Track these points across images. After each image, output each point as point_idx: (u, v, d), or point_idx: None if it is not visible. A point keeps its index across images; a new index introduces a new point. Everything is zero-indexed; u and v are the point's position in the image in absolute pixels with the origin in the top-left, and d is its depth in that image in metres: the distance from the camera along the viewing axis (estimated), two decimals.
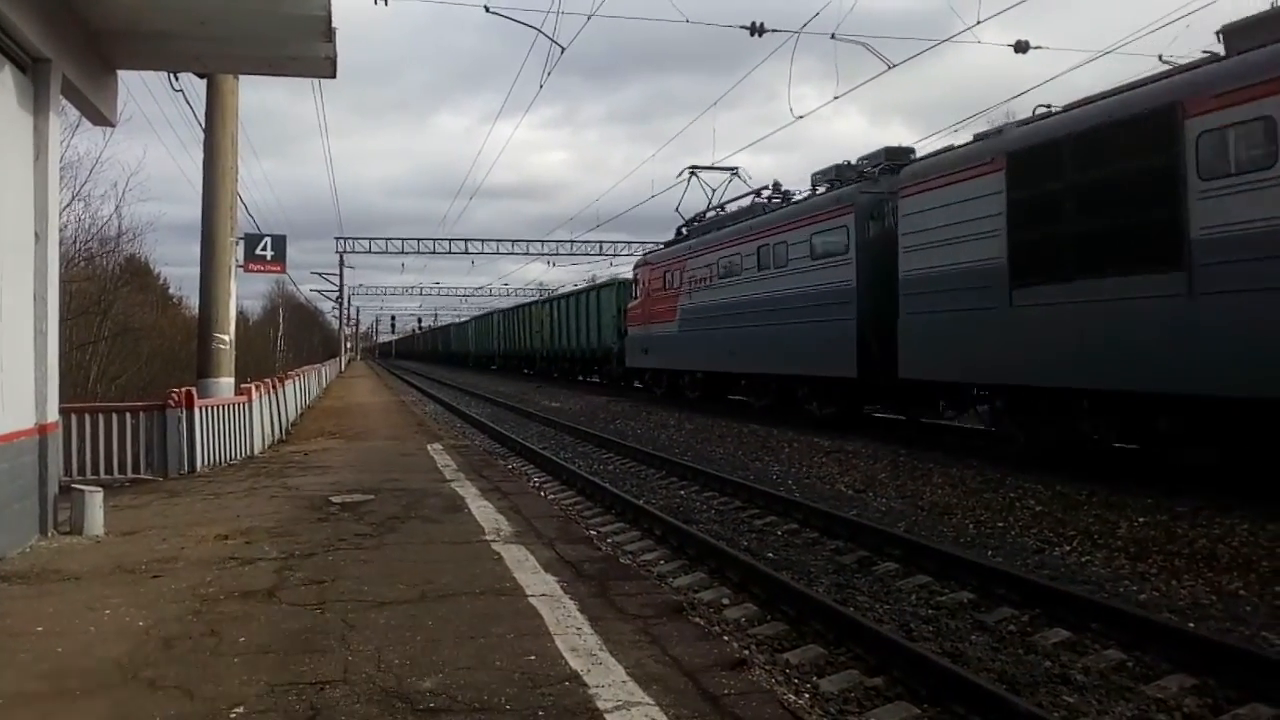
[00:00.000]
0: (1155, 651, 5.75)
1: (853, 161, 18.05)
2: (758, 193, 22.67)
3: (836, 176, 17.89)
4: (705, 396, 24.82)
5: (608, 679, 4.41)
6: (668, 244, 27.52)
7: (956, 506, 10.58)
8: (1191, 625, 6.22)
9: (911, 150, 16.86)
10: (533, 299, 55.64)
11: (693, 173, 26.34)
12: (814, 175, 18.65)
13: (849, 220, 16.42)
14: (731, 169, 26.11)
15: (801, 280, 17.99)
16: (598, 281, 40.47)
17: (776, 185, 22.32)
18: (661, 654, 4.81)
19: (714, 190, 26.02)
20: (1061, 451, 12.21)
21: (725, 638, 6.07)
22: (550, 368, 46.83)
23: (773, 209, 20.96)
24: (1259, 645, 5.84)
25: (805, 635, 6.33)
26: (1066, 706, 5.07)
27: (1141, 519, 9.16)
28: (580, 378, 42.16)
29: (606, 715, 3.98)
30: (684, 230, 26.34)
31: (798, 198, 20.01)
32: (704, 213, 25.74)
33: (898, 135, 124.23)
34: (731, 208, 24.16)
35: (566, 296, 42.44)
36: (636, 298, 28.49)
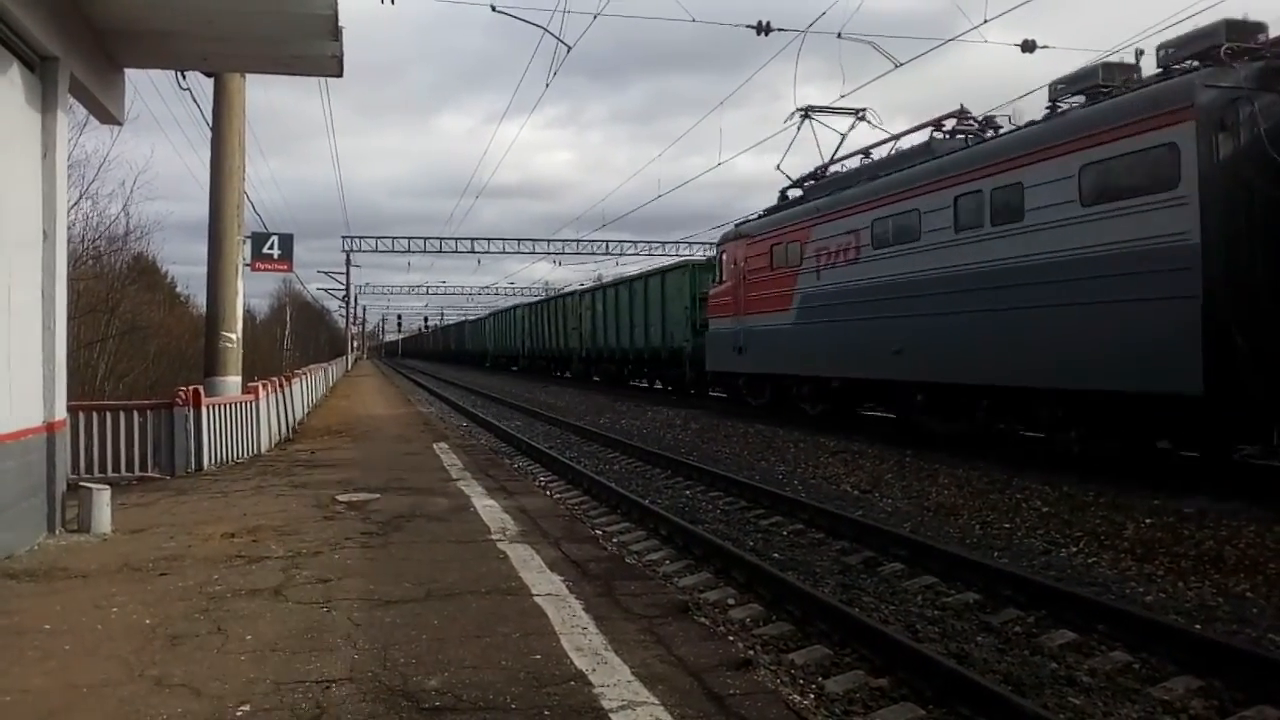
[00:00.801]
0: (1162, 653, 5.74)
1: (1126, 61, 12.13)
2: (938, 125, 16.01)
3: (1105, 83, 11.89)
4: (836, 411, 18.44)
5: (613, 678, 4.42)
6: (771, 210, 20.66)
7: (963, 507, 10.56)
8: (1198, 627, 6.20)
9: (1262, 25, 10.65)
10: (568, 290, 47.58)
11: (806, 115, 20.05)
12: (1054, 85, 12.73)
13: (1183, 134, 10.14)
14: (857, 110, 19.95)
15: (1061, 239, 11.68)
16: (658, 268, 31.84)
17: (964, 112, 15.89)
18: (667, 654, 4.81)
19: (835, 143, 20.13)
20: None
21: (730, 638, 6.07)
22: (590, 370, 40.10)
23: (967, 145, 14.61)
24: (1266, 647, 5.83)
25: (811, 636, 6.32)
26: (1072, 708, 5.06)
27: (1148, 520, 9.14)
28: (634, 382, 35.49)
29: (611, 715, 3.98)
30: (794, 193, 20.25)
31: (1006, 130, 14.08)
32: (827, 165, 19.42)
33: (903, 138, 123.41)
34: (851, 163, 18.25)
35: (618, 284, 35.13)
36: (722, 281, 22.26)
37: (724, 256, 22.49)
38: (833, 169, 19.29)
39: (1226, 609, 6.71)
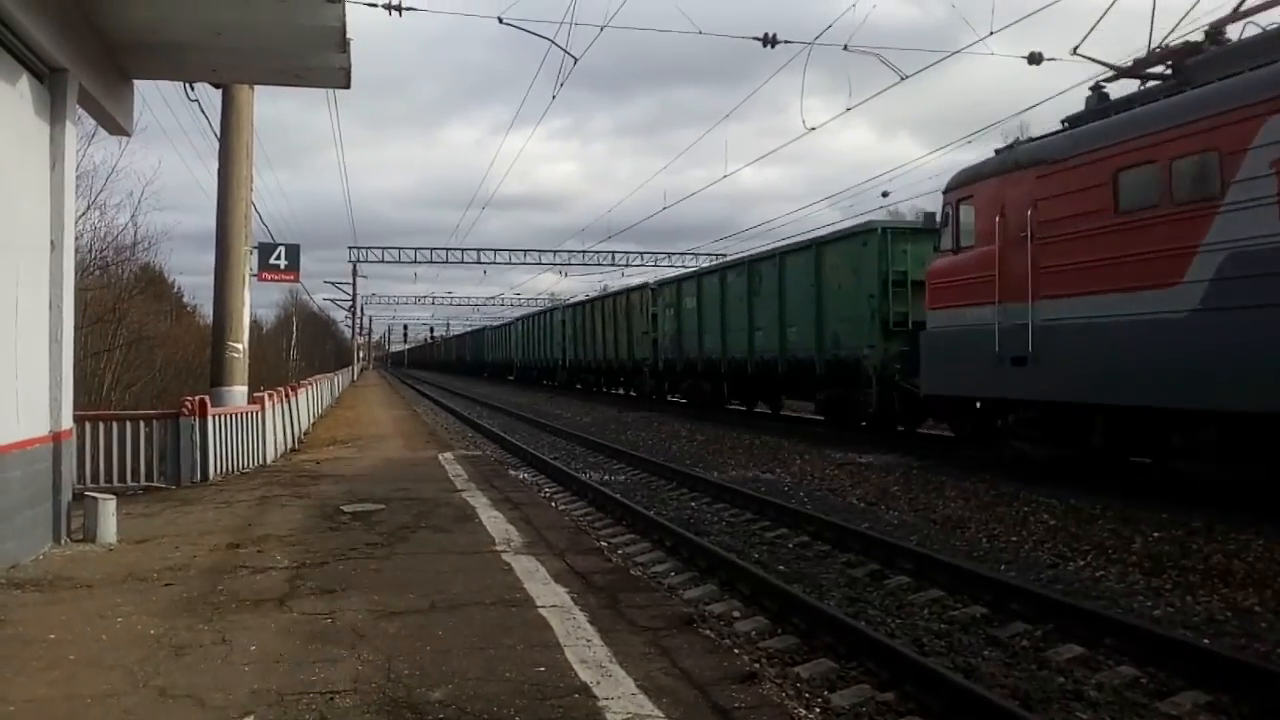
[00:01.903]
0: (1170, 668, 5.70)
1: None
2: None
3: None
4: None
5: (617, 691, 4.40)
6: (1103, 110, 11.89)
7: (969, 520, 10.52)
8: (1206, 641, 6.16)
9: None
10: (631, 286, 36.91)
11: None
12: None
13: None
14: None
15: None
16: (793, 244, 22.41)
17: None
18: (671, 666, 4.79)
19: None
20: None
21: (736, 650, 6.05)
22: (663, 387, 31.43)
23: None
24: (1274, 662, 5.79)
25: (816, 649, 6.29)
26: None
27: (1156, 534, 9.09)
28: (742, 407, 26.38)
29: None
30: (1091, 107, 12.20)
31: None
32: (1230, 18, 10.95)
33: (905, 149, 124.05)
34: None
35: (724, 269, 25.63)
36: (962, 248, 13.66)
37: (971, 205, 13.49)
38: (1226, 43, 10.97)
39: (1235, 623, 6.67)
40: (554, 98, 18.72)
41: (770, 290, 21.90)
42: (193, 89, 13.88)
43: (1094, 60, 12.87)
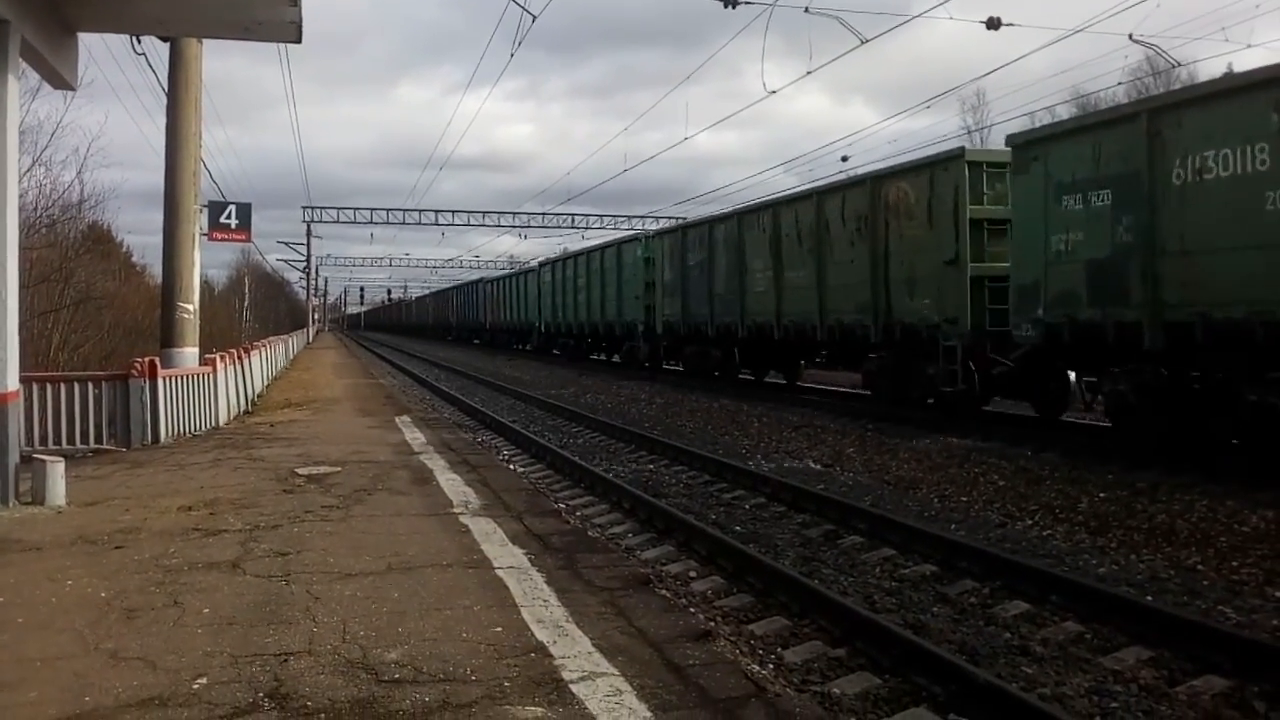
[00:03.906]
0: (1113, 624, 5.84)
1: None
2: None
3: None
4: None
5: (574, 650, 4.43)
6: None
7: (922, 481, 10.68)
8: (1149, 598, 6.33)
9: None
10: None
11: None
12: None
13: None
14: None
15: None
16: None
17: None
18: (628, 625, 4.84)
19: None
20: None
21: (691, 610, 6.11)
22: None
23: None
24: (1215, 619, 5.96)
25: (771, 607, 6.37)
26: (1025, 677, 5.15)
27: (1102, 494, 9.30)
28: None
29: (572, 686, 3.99)
30: None
31: None
32: None
33: (860, 115, 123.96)
34: None
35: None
36: None
37: None
38: None
39: (1177, 581, 6.85)
40: (512, 56, 18.53)
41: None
42: (139, 42, 13.53)
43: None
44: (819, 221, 17.62)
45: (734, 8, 16.22)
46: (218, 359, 14.62)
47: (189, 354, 14.11)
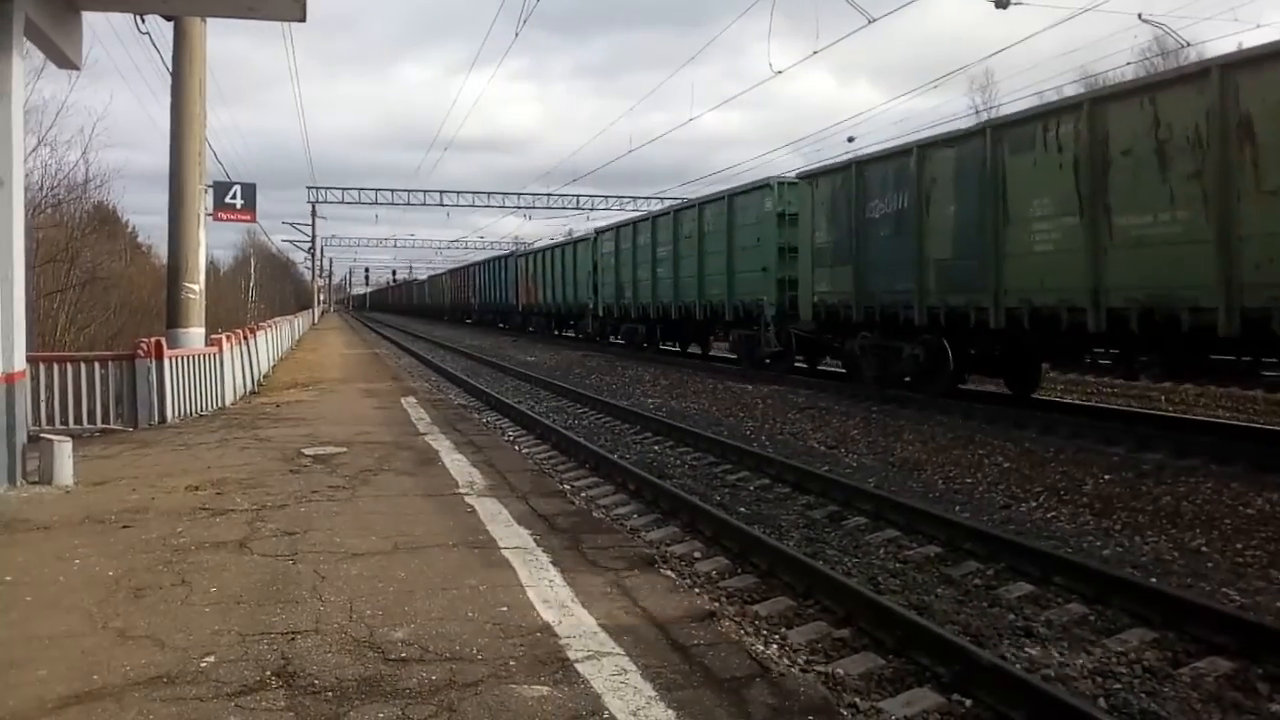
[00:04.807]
0: (1117, 605, 5.85)
1: None
2: None
3: None
4: None
5: (579, 630, 4.45)
6: None
7: (926, 463, 10.69)
8: (1153, 580, 6.33)
9: None
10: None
11: None
12: None
13: None
14: None
15: None
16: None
17: None
18: (632, 605, 4.85)
19: None
20: None
21: (696, 590, 6.13)
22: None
23: None
24: (1219, 600, 5.97)
25: (775, 588, 6.39)
26: (1029, 659, 5.16)
27: (1107, 476, 9.30)
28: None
29: (577, 665, 4.01)
30: None
31: None
32: None
33: (864, 96, 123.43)
34: None
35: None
36: None
37: None
38: None
39: (1182, 563, 6.86)
40: (517, 35, 18.47)
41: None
42: (143, 21, 13.48)
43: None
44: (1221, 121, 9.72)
45: None
46: (224, 339, 14.64)
47: (195, 334, 14.13)
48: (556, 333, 40.90)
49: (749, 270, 20.98)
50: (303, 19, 9.17)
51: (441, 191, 61.21)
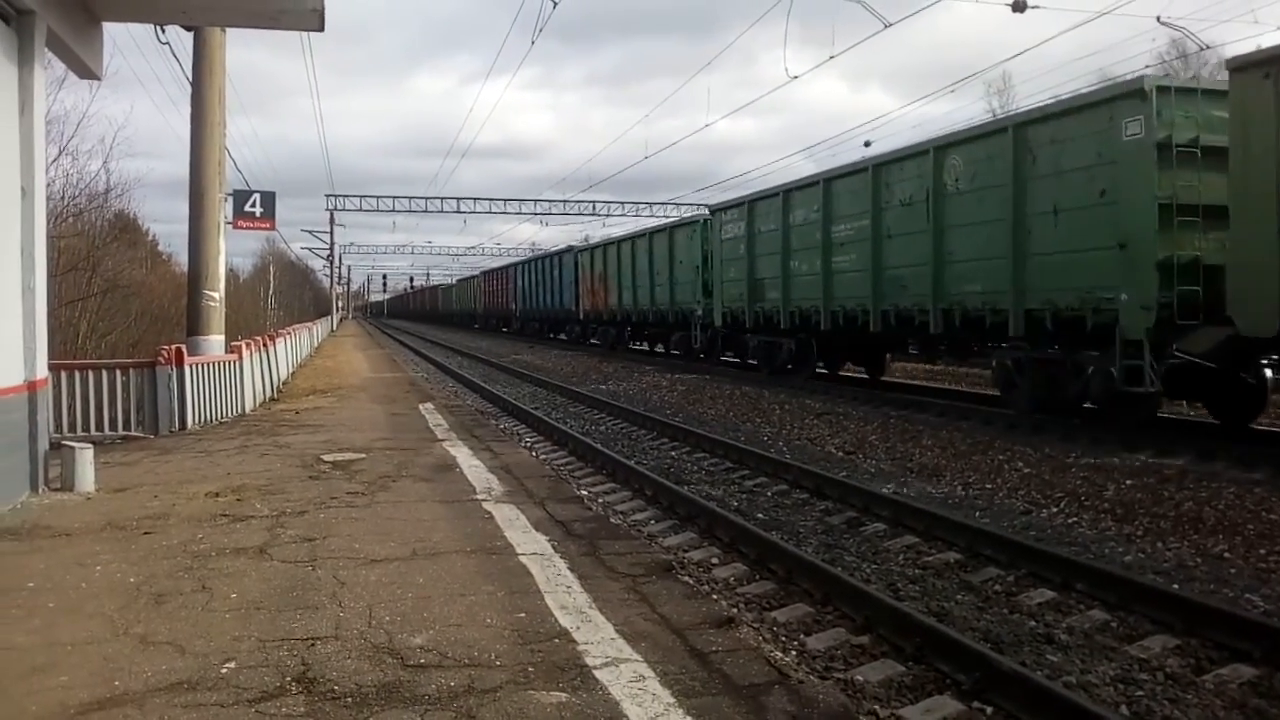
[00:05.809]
0: (1139, 612, 5.81)
1: None
2: None
3: None
4: None
5: (597, 636, 4.45)
6: None
7: (945, 468, 10.63)
8: (1176, 587, 6.28)
9: None
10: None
11: None
12: None
13: None
14: None
15: None
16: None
17: None
18: (650, 612, 4.85)
19: None
20: None
21: (714, 596, 6.12)
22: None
23: None
24: (1242, 607, 5.91)
25: (793, 594, 6.37)
26: (1050, 665, 5.13)
27: (1129, 481, 9.23)
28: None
29: (595, 671, 4.01)
30: None
31: None
32: None
33: (878, 101, 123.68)
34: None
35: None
36: None
37: None
38: None
39: (1204, 569, 6.80)
40: (533, 43, 18.54)
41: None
42: (163, 31, 13.59)
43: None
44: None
45: None
46: (243, 346, 14.73)
47: (215, 341, 14.22)
48: (634, 345, 33.44)
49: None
50: (321, 29, 9.23)
51: (458, 198, 61.42)
